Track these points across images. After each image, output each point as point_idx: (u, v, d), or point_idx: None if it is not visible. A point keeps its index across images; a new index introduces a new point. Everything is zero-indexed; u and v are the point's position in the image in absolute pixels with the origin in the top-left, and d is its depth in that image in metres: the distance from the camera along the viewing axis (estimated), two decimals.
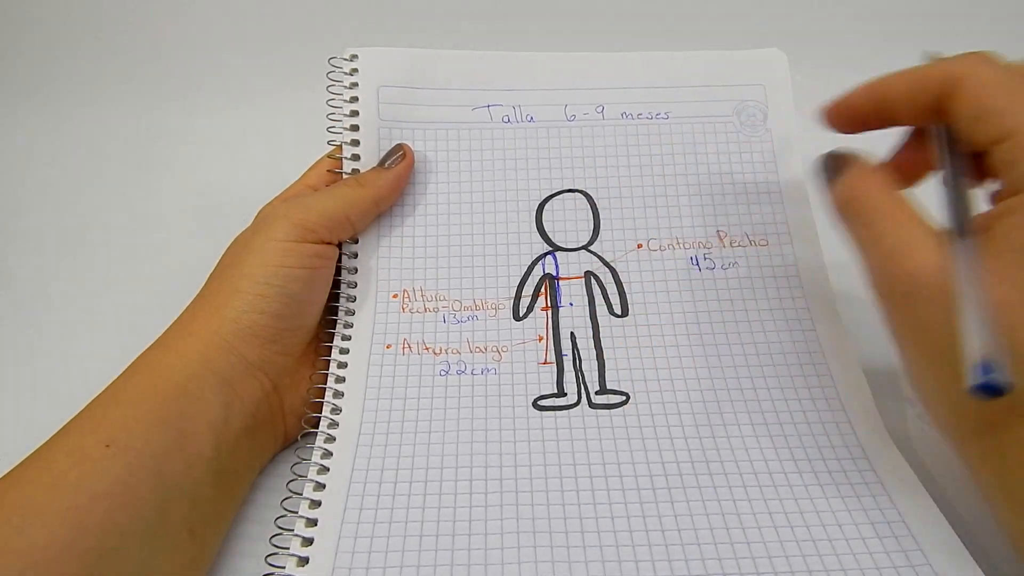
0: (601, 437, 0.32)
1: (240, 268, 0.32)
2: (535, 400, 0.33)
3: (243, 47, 0.60)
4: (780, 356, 0.34)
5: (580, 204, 0.38)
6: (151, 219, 0.50)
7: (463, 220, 0.38)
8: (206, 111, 0.57)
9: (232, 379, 0.30)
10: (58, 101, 0.58)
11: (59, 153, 0.55)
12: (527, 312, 0.36)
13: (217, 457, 0.29)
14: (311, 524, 0.28)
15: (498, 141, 0.39)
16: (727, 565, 0.27)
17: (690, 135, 0.40)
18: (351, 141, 0.38)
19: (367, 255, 0.37)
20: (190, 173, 0.53)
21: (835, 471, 0.30)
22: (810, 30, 0.57)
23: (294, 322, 0.33)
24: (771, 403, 0.33)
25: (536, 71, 0.41)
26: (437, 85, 0.40)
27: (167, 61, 0.60)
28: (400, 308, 0.36)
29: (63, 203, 0.51)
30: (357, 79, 0.39)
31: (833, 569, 0.27)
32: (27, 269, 0.47)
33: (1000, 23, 0.59)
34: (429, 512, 0.29)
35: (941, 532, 0.28)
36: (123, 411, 0.28)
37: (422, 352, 0.35)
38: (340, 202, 0.35)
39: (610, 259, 0.37)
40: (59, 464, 0.26)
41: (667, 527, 0.28)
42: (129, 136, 0.56)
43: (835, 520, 0.28)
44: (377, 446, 0.31)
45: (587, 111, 0.40)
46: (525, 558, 0.27)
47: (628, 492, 0.29)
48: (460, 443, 0.31)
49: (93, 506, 0.25)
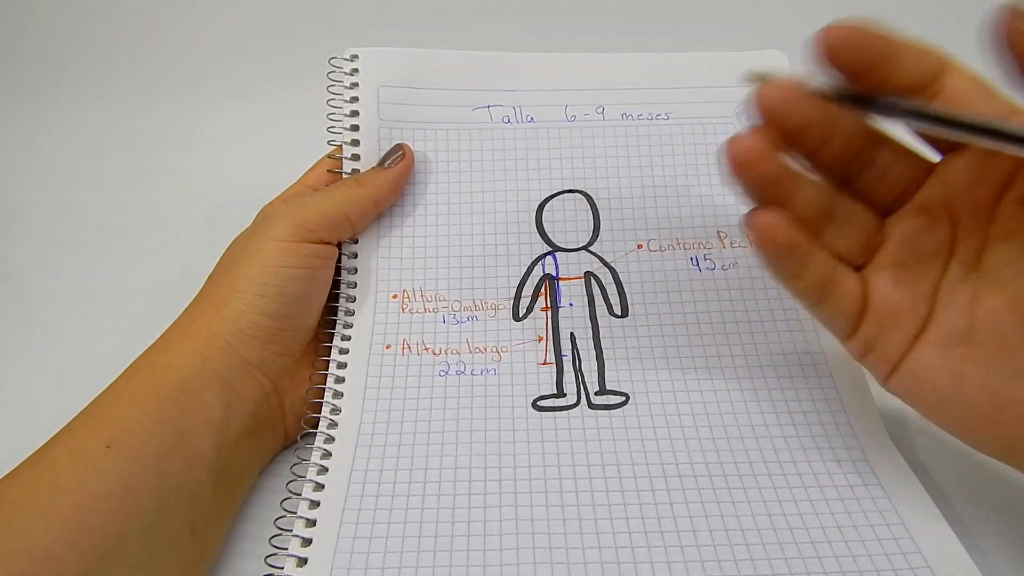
0: (601, 438, 0.32)
1: (239, 268, 0.32)
2: (535, 400, 0.33)
3: (243, 47, 0.60)
4: (780, 356, 0.34)
5: (580, 204, 0.38)
6: (151, 219, 0.50)
7: (463, 220, 0.38)
8: (206, 111, 0.57)
9: (232, 379, 0.30)
10: (58, 100, 0.58)
11: (59, 153, 0.55)
12: (527, 312, 0.36)
13: (217, 457, 0.29)
14: (310, 524, 0.28)
15: (498, 141, 0.39)
16: (726, 567, 0.27)
17: (690, 136, 0.40)
18: (351, 141, 0.38)
19: (367, 255, 0.37)
20: (190, 173, 0.53)
21: (835, 471, 0.30)
22: (810, 30, 0.57)
23: (293, 322, 0.33)
24: (771, 403, 0.33)
25: (536, 72, 0.41)
26: (437, 85, 0.40)
27: (167, 61, 0.60)
28: (400, 308, 0.36)
29: (63, 203, 0.51)
30: (357, 79, 0.39)
31: (832, 571, 0.27)
32: (27, 269, 0.47)
33: None
34: (428, 513, 0.29)
35: (941, 533, 0.28)
36: (123, 411, 0.28)
37: (422, 352, 0.35)
38: (339, 202, 0.35)
39: (610, 259, 0.37)
40: (60, 464, 0.26)
41: (666, 528, 0.28)
42: (129, 136, 0.56)
43: (835, 521, 0.28)
44: (376, 446, 0.31)
45: (587, 112, 0.40)
46: (524, 559, 0.27)
47: (628, 492, 0.29)
48: (460, 443, 0.31)
49: (94, 506, 0.25)
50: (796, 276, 0.26)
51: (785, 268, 0.26)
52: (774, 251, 0.25)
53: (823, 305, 0.27)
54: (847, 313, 0.27)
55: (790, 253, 0.25)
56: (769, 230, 0.25)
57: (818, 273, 0.26)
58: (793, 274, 0.26)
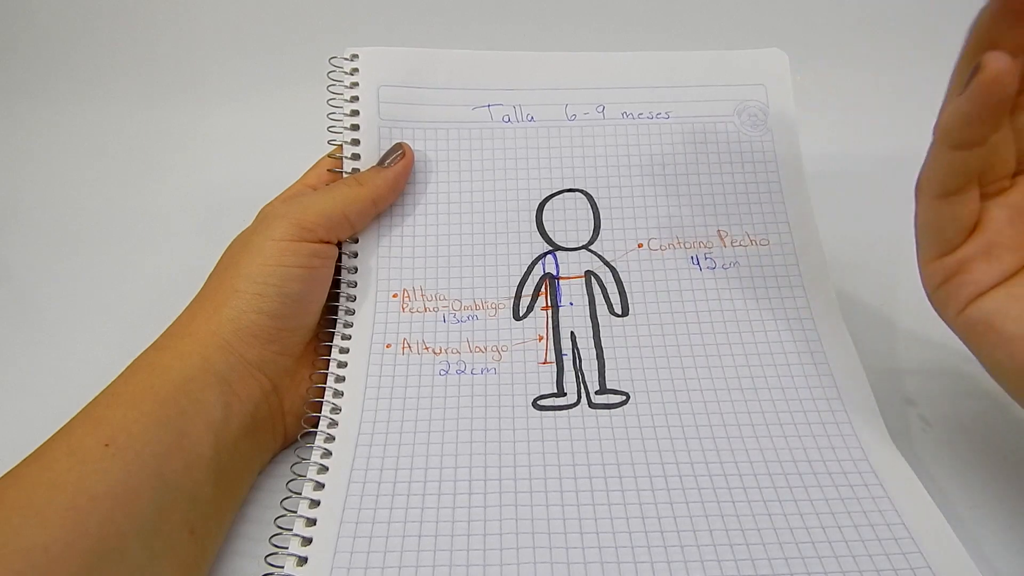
0: (601, 437, 0.32)
1: (238, 268, 0.32)
2: (535, 400, 0.33)
3: (243, 47, 0.60)
4: (781, 356, 0.34)
5: (580, 204, 0.38)
6: (152, 219, 0.50)
7: (463, 220, 0.38)
8: (206, 111, 0.57)
9: (231, 379, 0.30)
10: (58, 100, 0.59)
11: (59, 153, 0.55)
12: (527, 312, 0.36)
13: (217, 457, 0.29)
14: (310, 524, 0.28)
15: (498, 141, 0.39)
16: (726, 567, 0.27)
17: (691, 135, 0.40)
18: (351, 141, 0.38)
19: (367, 255, 0.37)
20: (190, 173, 0.53)
21: (835, 471, 0.30)
22: (810, 30, 0.57)
23: (293, 322, 0.33)
24: (771, 403, 0.33)
25: (536, 71, 0.40)
26: (437, 85, 0.40)
27: (167, 61, 0.60)
28: (400, 308, 0.36)
29: (63, 203, 0.51)
30: (357, 79, 0.39)
31: (832, 571, 0.27)
32: (27, 269, 0.47)
33: None
34: (428, 512, 0.29)
35: (941, 533, 0.28)
36: (123, 411, 0.28)
37: (422, 352, 0.35)
38: (338, 201, 0.35)
39: (610, 259, 0.37)
40: (59, 464, 0.26)
41: (666, 528, 0.28)
42: (129, 136, 0.56)
43: (835, 521, 0.28)
44: (376, 446, 0.31)
45: (587, 111, 0.40)
46: (524, 559, 0.27)
47: (628, 492, 0.29)
48: (460, 443, 0.31)
49: (93, 506, 0.25)
50: (980, 143, 0.26)
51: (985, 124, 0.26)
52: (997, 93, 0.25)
53: (951, 200, 0.27)
54: (962, 220, 0.28)
55: (1003, 108, 0.26)
56: (1004, 74, 0.25)
57: (978, 157, 0.27)
58: (981, 137, 0.26)
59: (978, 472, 0.32)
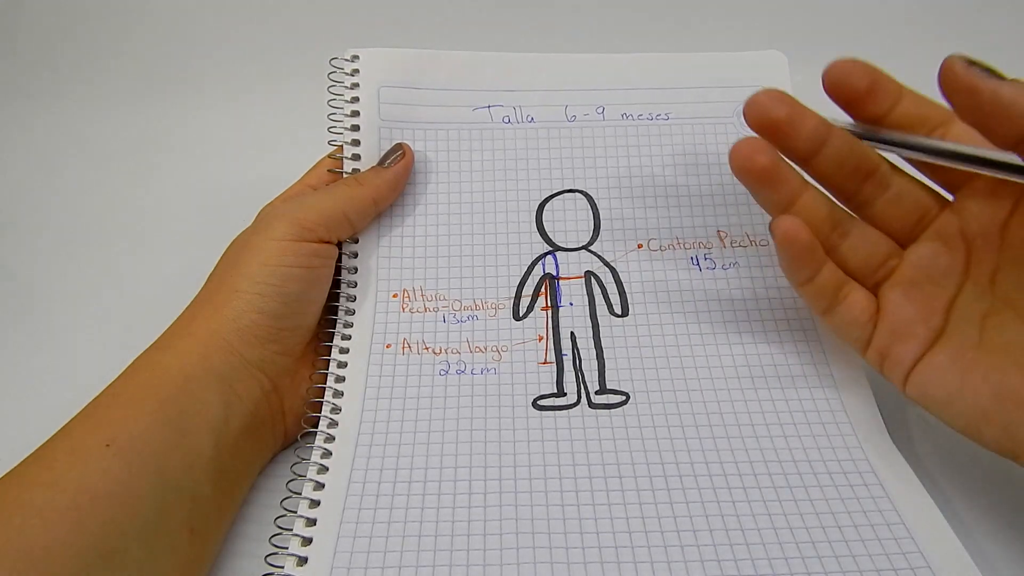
0: (601, 437, 0.32)
1: (238, 268, 0.32)
2: (535, 400, 0.33)
3: (244, 47, 0.60)
4: (781, 356, 0.34)
5: (580, 204, 0.38)
6: (152, 219, 0.50)
7: (463, 220, 0.38)
8: (207, 111, 0.57)
9: (231, 379, 0.30)
10: (58, 100, 0.58)
11: (59, 153, 0.55)
12: (527, 312, 0.36)
13: (217, 457, 0.29)
14: (310, 524, 0.28)
15: (498, 141, 0.39)
16: (726, 567, 0.27)
17: (690, 136, 0.40)
18: (351, 141, 0.38)
19: (367, 255, 0.37)
20: (190, 173, 0.53)
21: (835, 471, 0.30)
22: (810, 31, 0.57)
23: (293, 321, 0.33)
24: (771, 403, 0.33)
25: (537, 72, 0.41)
26: (438, 85, 0.40)
27: (168, 61, 0.60)
28: (400, 308, 0.36)
29: (62, 203, 0.51)
30: (358, 79, 0.39)
31: (832, 571, 0.27)
32: (26, 269, 0.47)
33: (1001, 23, 0.59)
34: (428, 512, 0.29)
35: (941, 533, 0.28)
36: (123, 411, 0.28)
37: (422, 352, 0.35)
38: (338, 201, 0.35)
39: (610, 259, 0.37)
40: (59, 463, 0.26)
41: (666, 528, 0.28)
42: (129, 136, 0.56)
43: (835, 521, 0.28)
44: (376, 446, 0.31)
45: (587, 112, 0.40)
46: (524, 559, 0.27)
47: (628, 492, 0.29)
48: (460, 443, 0.31)
49: (93, 506, 0.25)
50: (809, 280, 0.29)
51: (800, 270, 0.29)
52: (795, 252, 0.29)
53: (833, 313, 0.30)
54: (857, 322, 0.30)
55: (808, 255, 0.29)
56: (793, 232, 0.28)
57: (828, 280, 0.29)
58: (806, 278, 0.29)
59: (978, 472, 0.32)
